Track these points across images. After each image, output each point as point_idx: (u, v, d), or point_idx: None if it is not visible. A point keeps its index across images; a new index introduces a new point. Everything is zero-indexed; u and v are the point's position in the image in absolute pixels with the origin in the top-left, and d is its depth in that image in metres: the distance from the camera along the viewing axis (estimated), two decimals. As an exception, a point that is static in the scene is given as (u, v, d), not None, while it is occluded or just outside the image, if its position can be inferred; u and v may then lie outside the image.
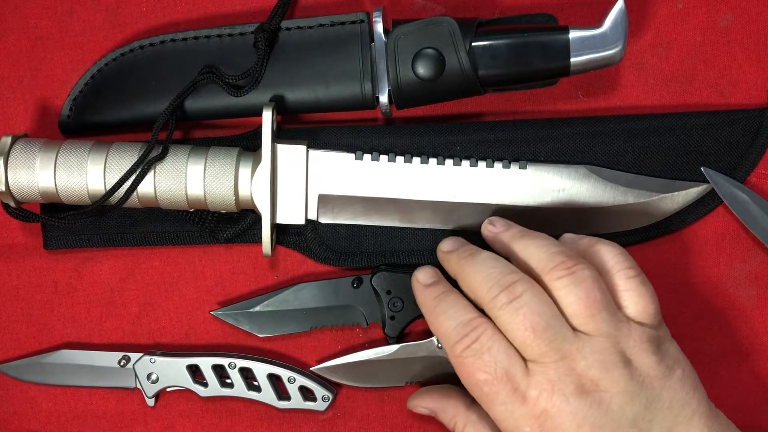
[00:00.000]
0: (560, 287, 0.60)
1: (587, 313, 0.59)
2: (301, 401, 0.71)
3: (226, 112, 0.71)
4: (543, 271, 0.61)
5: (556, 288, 0.60)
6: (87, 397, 0.73)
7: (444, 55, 0.67)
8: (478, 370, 0.59)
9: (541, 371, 0.58)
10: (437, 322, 0.62)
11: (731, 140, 0.71)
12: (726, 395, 0.71)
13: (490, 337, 0.59)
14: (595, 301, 0.59)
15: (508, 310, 0.59)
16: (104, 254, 0.74)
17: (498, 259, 0.62)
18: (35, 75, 0.74)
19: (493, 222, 0.66)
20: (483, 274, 0.61)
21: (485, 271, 0.61)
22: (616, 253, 0.62)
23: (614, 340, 0.59)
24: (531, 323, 0.58)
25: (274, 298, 0.71)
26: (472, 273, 0.62)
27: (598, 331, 0.59)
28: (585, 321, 0.59)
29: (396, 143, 0.71)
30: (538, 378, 0.58)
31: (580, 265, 0.60)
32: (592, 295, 0.59)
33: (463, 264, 0.63)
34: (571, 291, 0.59)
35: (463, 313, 0.61)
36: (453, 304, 0.62)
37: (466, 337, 0.60)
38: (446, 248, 0.66)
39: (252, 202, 0.68)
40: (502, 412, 0.59)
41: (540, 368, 0.58)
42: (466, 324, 0.60)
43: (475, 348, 0.59)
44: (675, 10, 0.74)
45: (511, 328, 0.59)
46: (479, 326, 0.60)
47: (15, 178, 0.67)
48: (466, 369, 0.60)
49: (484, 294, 0.60)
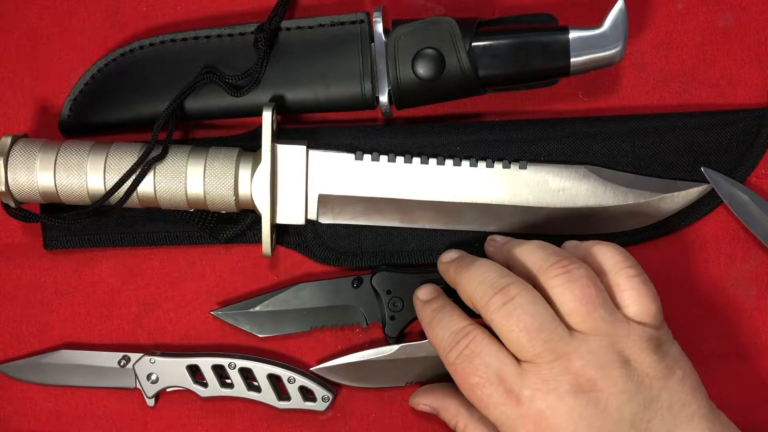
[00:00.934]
0: (556, 285, 0.60)
1: (583, 311, 0.59)
2: (301, 401, 0.71)
3: (226, 112, 0.71)
4: (539, 271, 0.61)
5: (551, 287, 0.60)
6: (87, 397, 0.73)
7: (444, 55, 0.67)
8: (470, 374, 0.59)
9: (535, 371, 0.58)
10: (433, 333, 0.63)
11: (731, 140, 0.71)
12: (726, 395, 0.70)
13: (480, 342, 0.60)
14: (591, 298, 0.59)
15: (503, 313, 0.59)
16: (104, 254, 0.74)
17: (493, 265, 0.62)
18: (35, 75, 0.74)
19: (494, 238, 0.68)
20: (478, 279, 0.61)
21: (480, 276, 0.61)
22: (616, 253, 0.62)
23: (612, 339, 0.58)
24: (525, 324, 0.58)
25: (274, 298, 0.71)
26: (468, 279, 0.62)
27: (595, 329, 0.58)
28: (581, 319, 0.59)
29: (396, 143, 0.71)
30: (531, 378, 0.58)
31: (576, 264, 0.60)
32: (587, 292, 0.59)
33: (461, 272, 0.63)
34: (566, 289, 0.59)
35: (457, 322, 0.62)
36: (447, 315, 0.63)
37: (458, 344, 0.60)
38: (446, 259, 0.66)
39: (252, 202, 0.68)
40: (499, 415, 0.59)
41: (534, 368, 0.58)
42: (458, 332, 0.61)
43: (466, 354, 0.60)
44: (675, 10, 0.74)
45: (505, 330, 0.59)
46: (470, 333, 0.61)
47: (15, 178, 0.67)
48: (460, 375, 0.60)
49: (479, 298, 0.61)
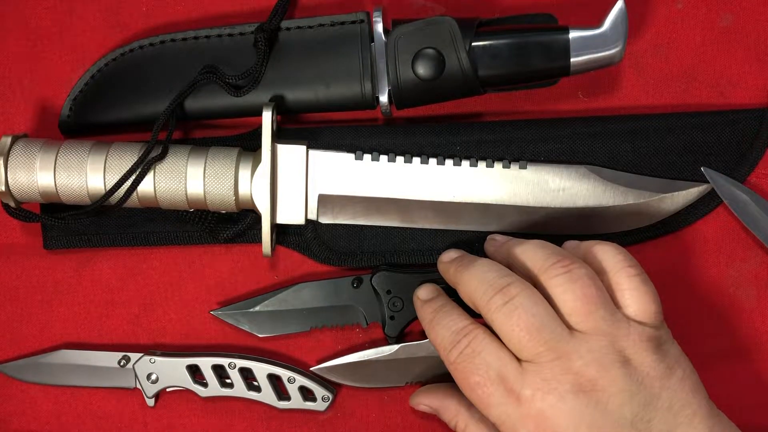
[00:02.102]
0: (556, 285, 0.59)
1: (584, 311, 0.59)
2: (301, 401, 0.71)
3: (226, 112, 0.71)
4: (540, 271, 0.61)
5: (552, 286, 0.60)
6: (87, 397, 0.73)
7: (444, 55, 0.67)
8: (470, 373, 0.59)
9: (536, 371, 0.58)
10: (434, 333, 0.63)
11: (731, 140, 0.71)
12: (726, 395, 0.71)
13: (481, 341, 0.60)
14: (592, 298, 0.59)
15: (504, 312, 0.59)
16: (104, 254, 0.74)
17: (493, 264, 0.62)
18: (35, 75, 0.74)
19: (494, 237, 0.67)
20: (478, 278, 0.61)
21: (480, 275, 0.61)
22: (616, 252, 0.62)
23: (612, 338, 0.58)
24: (525, 324, 0.58)
25: (274, 298, 0.71)
26: (468, 279, 0.62)
27: (596, 329, 0.58)
28: (582, 319, 0.59)
29: (396, 143, 0.71)
30: (532, 378, 0.58)
31: (576, 264, 0.60)
32: (588, 292, 0.59)
33: (461, 271, 0.63)
34: (567, 289, 0.59)
35: (457, 321, 0.62)
36: (448, 315, 0.63)
37: (458, 343, 0.60)
38: (446, 259, 0.66)
39: (252, 202, 0.68)
40: (500, 414, 0.59)
41: (534, 368, 0.58)
42: (458, 331, 0.61)
43: (467, 353, 0.60)
44: (675, 10, 0.74)
45: (506, 329, 0.59)
46: (471, 332, 0.61)
47: (15, 178, 0.67)
48: (460, 374, 0.60)
49: (479, 298, 0.60)
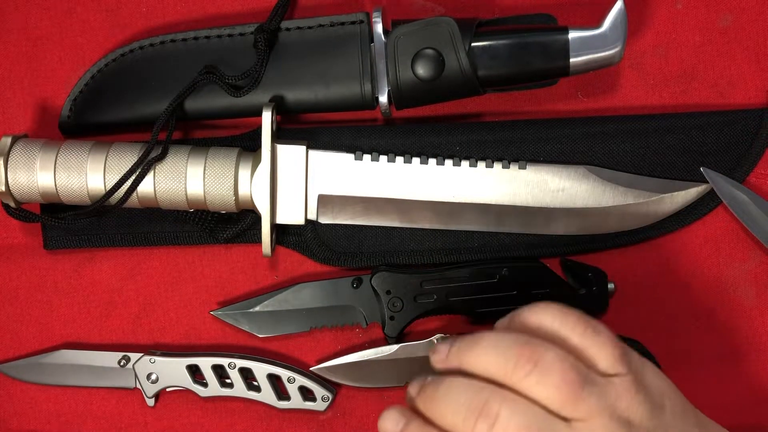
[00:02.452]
0: (532, 385, 0.52)
1: (572, 398, 0.52)
2: (301, 401, 0.71)
3: (226, 112, 0.71)
4: (506, 375, 0.53)
5: (527, 388, 0.52)
6: (87, 397, 0.73)
7: (444, 55, 0.67)
8: None
9: None
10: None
11: (731, 140, 0.71)
12: (725, 395, 0.71)
13: None
14: (573, 382, 0.52)
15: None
16: (104, 254, 0.74)
17: (460, 383, 0.54)
18: (35, 75, 0.74)
19: (434, 350, 0.57)
20: (450, 408, 0.53)
21: (451, 404, 0.53)
22: (554, 315, 0.55)
23: (609, 410, 0.53)
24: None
25: (274, 298, 0.71)
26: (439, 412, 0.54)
27: (591, 411, 0.52)
28: (573, 407, 0.52)
29: (396, 143, 0.71)
30: None
31: (538, 350, 0.52)
32: (567, 377, 0.52)
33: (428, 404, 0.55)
34: (545, 385, 0.52)
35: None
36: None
37: None
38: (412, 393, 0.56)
39: (252, 202, 0.68)
40: None
41: None
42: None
43: None
44: (675, 10, 0.74)
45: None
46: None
47: (15, 179, 0.67)
48: None
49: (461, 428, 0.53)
